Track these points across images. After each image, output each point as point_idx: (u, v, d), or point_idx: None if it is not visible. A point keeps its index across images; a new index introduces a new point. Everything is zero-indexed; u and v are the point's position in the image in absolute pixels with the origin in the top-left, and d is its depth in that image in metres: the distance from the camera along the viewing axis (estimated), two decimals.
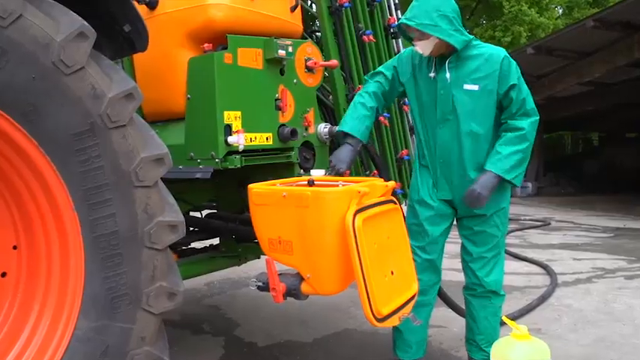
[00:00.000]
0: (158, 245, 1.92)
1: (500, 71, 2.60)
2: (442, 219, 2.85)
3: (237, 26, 2.58)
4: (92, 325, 1.81)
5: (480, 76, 2.62)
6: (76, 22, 1.69)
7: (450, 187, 2.80)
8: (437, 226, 2.83)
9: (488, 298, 2.87)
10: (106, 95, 1.76)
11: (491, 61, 2.62)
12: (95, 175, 1.77)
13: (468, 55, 2.66)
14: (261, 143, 2.69)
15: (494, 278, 2.87)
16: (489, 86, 2.62)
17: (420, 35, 2.60)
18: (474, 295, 2.92)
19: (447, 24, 2.53)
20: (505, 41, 15.59)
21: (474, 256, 2.87)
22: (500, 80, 2.60)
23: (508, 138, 2.62)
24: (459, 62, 2.66)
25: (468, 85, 2.64)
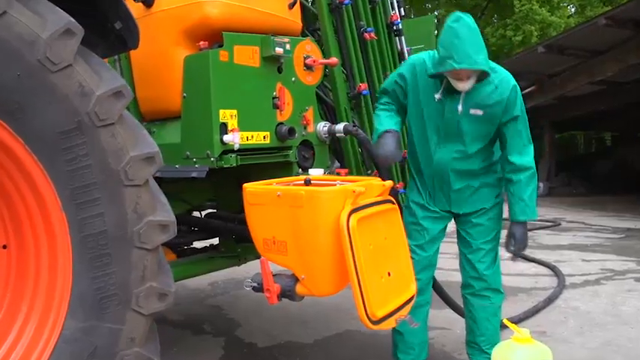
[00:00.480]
0: (148, 245, 1.89)
1: (508, 100, 2.60)
2: (440, 219, 2.87)
3: (234, 23, 2.54)
4: (80, 325, 1.78)
5: (487, 104, 2.62)
6: (63, 19, 1.67)
7: (447, 200, 2.84)
8: (435, 224, 2.86)
9: (488, 297, 2.84)
10: (94, 93, 1.73)
11: (501, 88, 2.61)
12: (83, 173, 1.75)
13: (484, 81, 2.61)
14: (258, 142, 2.65)
15: (492, 272, 2.88)
16: (495, 113, 2.63)
17: (467, 76, 2.50)
18: (473, 293, 2.88)
19: (486, 54, 2.50)
20: (516, 40, 15.44)
21: (473, 247, 2.88)
22: (506, 109, 2.61)
23: (523, 181, 2.67)
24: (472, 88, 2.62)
25: (473, 110, 2.63)
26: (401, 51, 3.78)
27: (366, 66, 3.44)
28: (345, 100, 3.25)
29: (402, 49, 3.78)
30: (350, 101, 3.31)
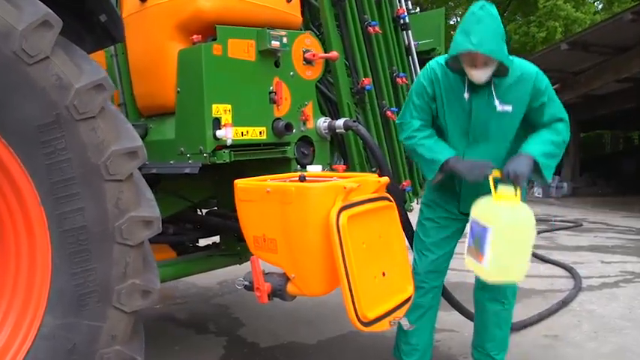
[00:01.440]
0: (131, 241, 1.84)
1: (533, 88, 2.49)
2: (458, 220, 2.76)
3: (228, 17, 2.50)
4: (58, 322, 1.75)
5: (514, 96, 2.49)
6: (40, 10, 1.63)
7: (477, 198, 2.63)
8: (453, 223, 2.75)
9: (502, 303, 2.72)
10: (73, 86, 1.70)
11: (525, 80, 2.48)
12: (62, 168, 1.72)
13: (508, 75, 2.49)
14: (254, 138, 2.60)
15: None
16: (523, 105, 2.51)
17: (483, 63, 2.38)
18: (487, 298, 2.78)
19: (505, 49, 2.39)
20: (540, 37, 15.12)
21: None
22: (533, 98, 2.50)
23: (543, 131, 2.53)
24: (494, 83, 2.50)
25: (501, 107, 2.49)
26: (408, 45, 3.70)
27: (371, 60, 3.36)
28: (348, 95, 3.18)
29: (409, 44, 3.69)
30: (353, 96, 3.24)
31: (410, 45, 3.69)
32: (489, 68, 2.39)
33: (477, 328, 2.90)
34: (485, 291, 2.76)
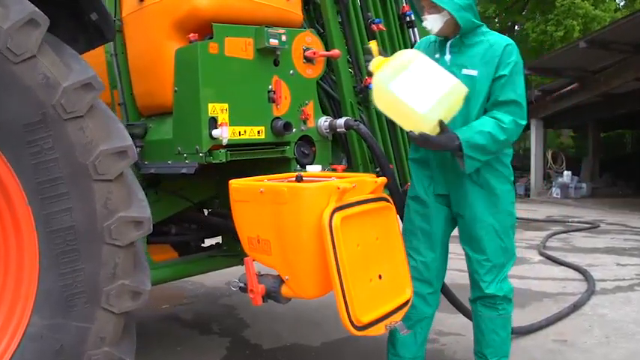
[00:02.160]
0: (120, 242, 1.83)
1: (500, 58, 2.41)
2: (437, 217, 2.61)
3: (225, 14, 2.47)
4: (46, 322, 1.74)
5: (481, 61, 2.43)
6: (27, 9, 1.62)
7: (445, 181, 2.59)
8: (431, 223, 2.61)
9: (496, 309, 2.61)
10: (61, 85, 1.68)
11: (495, 47, 2.43)
12: (49, 167, 1.70)
13: (473, 41, 2.48)
14: (252, 137, 2.57)
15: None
16: (488, 73, 2.43)
17: (429, 7, 2.44)
18: (482, 303, 2.67)
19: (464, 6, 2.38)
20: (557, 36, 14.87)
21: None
22: (498, 67, 2.41)
23: (489, 121, 2.39)
24: (463, 47, 2.48)
25: (467, 70, 2.44)
26: (414, 43, 3.63)
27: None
28: (351, 94, 3.13)
29: (415, 41, 3.63)
30: (357, 95, 3.19)
31: (416, 42, 3.62)
32: (439, 17, 2.42)
33: (475, 335, 2.77)
34: (479, 298, 2.66)
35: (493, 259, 2.57)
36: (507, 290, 2.63)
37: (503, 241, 2.57)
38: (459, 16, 2.39)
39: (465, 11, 2.40)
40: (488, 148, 2.36)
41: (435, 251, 2.62)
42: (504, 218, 2.57)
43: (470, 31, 2.47)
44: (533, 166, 15.85)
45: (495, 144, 2.37)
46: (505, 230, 2.57)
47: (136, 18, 2.63)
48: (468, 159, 2.35)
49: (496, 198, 2.53)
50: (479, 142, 2.34)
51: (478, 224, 2.55)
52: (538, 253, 6.47)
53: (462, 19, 2.40)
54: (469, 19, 2.42)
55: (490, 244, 2.56)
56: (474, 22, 2.45)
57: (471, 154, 2.34)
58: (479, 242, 2.57)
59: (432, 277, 2.60)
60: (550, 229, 8.50)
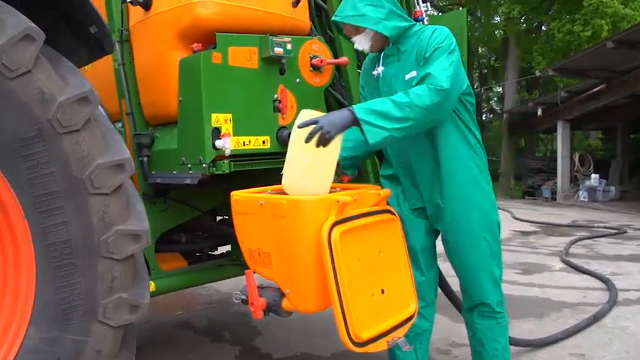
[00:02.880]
0: (117, 255, 1.82)
1: (426, 46, 2.28)
2: (415, 231, 2.51)
3: (228, 24, 2.46)
4: (43, 336, 1.74)
5: (415, 61, 2.32)
6: (22, 24, 1.63)
7: (419, 193, 2.51)
8: (408, 239, 2.45)
9: (494, 317, 2.52)
10: (56, 99, 1.68)
11: (423, 40, 2.31)
12: (45, 181, 1.71)
13: (409, 44, 2.37)
14: (257, 147, 2.55)
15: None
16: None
17: (353, 30, 2.38)
18: (477, 315, 2.57)
19: (375, 12, 2.29)
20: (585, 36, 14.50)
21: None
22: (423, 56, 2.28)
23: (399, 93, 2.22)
24: (401, 55, 2.38)
25: (408, 75, 2.34)
26: None
27: None
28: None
29: None
30: None
31: None
32: (364, 36, 2.36)
33: (474, 348, 2.64)
34: (473, 309, 2.57)
35: (484, 273, 2.48)
36: (501, 294, 2.54)
37: (491, 246, 2.45)
38: (382, 28, 2.30)
39: (387, 21, 2.31)
40: (391, 114, 2.11)
41: (418, 267, 2.51)
42: (485, 221, 2.44)
43: (402, 37, 2.37)
44: (560, 169, 15.52)
45: (400, 108, 2.11)
46: (490, 235, 2.46)
47: (142, 28, 2.64)
48: (365, 125, 2.10)
49: (471, 202, 2.41)
50: (376, 108, 2.14)
51: (460, 237, 2.45)
52: (560, 261, 6.31)
53: (387, 30, 2.31)
54: (394, 27, 2.32)
55: (476, 260, 2.46)
56: (400, 27, 2.34)
57: (367, 119, 2.10)
58: (464, 259, 2.49)
59: (421, 291, 2.46)
60: (574, 235, 8.30)
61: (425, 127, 2.26)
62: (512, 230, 9.00)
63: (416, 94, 2.14)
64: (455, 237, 2.47)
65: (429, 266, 2.57)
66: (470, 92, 2.42)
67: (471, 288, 2.53)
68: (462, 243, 2.46)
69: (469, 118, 2.42)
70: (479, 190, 2.42)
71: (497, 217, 2.50)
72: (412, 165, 2.47)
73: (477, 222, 2.41)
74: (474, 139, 2.42)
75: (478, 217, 2.41)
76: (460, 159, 2.39)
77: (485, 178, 2.45)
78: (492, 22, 21.56)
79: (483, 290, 2.48)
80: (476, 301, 2.52)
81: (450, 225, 2.46)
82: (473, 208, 2.40)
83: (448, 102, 2.21)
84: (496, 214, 2.50)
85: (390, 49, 2.41)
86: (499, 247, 2.51)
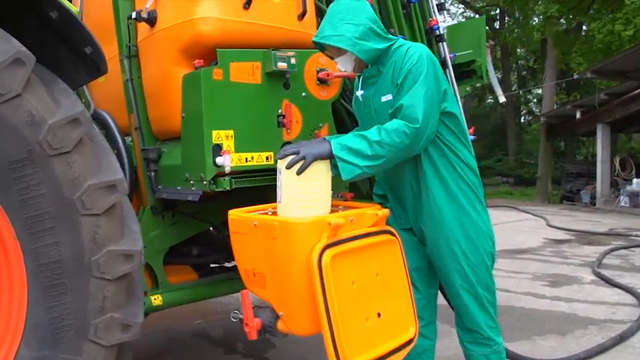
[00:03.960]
0: (108, 275, 1.83)
1: (400, 67, 2.23)
2: (407, 251, 2.40)
3: (230, 39, 2.44)
4: (34, 354, 1.76)
5: (392, 83, 2.27)
6: (13, 48, 1.65)
7: (407, 213, 2.47)
8: (409, 258, 2.38)
9: (488, 345, 2.40)
10: (47, 122, 1.70)
11: (397, 60, 2.26)
12: (36, 203, 1.73)
13: (388, 64, 2.32)
14: (260, 163, 2.53)
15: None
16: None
17: (335, 51, 2.35)
18: (469, 341, 2.47)
19: (352, 32, 2.24)
20: (626, 35, 13.97)
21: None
22: (398, 78, 2.24)
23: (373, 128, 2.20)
24: (381, 76, 2.34)
25: (384, 97, 2.30)
26: (443, 58, 3.48)
27: None
28: None
29: (444, 57, 3.48)
30: None
31: (445, 58, 3.47)
32: (345, 58, 2.33)
33: None
34: (465, 332, 2.47)
35: (471, 299, 2.39)
36: (493, 319, 2.43)
37: (477, 274, 2.36)
38: (357, 50, 2.26)
39: (362, 42, 2.26)
40: (363, 151, 2.12)
41: (415, 285, 2.45)
42: (470, 249, 2.35)
43: (382, 57, 2.33)
44: (600, 173, 15.01)
45: (371, 146, 2.12)
46: (477, 263, 2.37)
47: (148, 43, 2.66)
48: (340, 162, 2.11)
49: (452, 229, 2.34)
50: (350, 145, 2.14)
51: (443, 263, 2.39)
52: (592, 272, 6.07)
53: (362, 53, 2.27)
54: (370, 49, 2.28)
55: (461, 286, 2.38)
56: (376, 50, 2.29)
57: (341, 156, 2.11)
58: (448, 284, 2.42)
59: (419, 310, 2.38)
60: (610, 244, 7.99)
61: (399, 161, 2.24)
62: (545, 238, 8.74)
63: (387, 132, 2.13)
64: (437, 262, 2.42)
65: (426, 284, 2.52)
66: (452, 112, 2.34)
67: (459, 310, 2.45)
68: (444, 268, 2.39)
69: (454, 139, 2.35)
70: (462, 217, 2.33)
71: (488, 246, 2.40)
72: (396, 187, 2.43)
73: (459, 250, 2.33)
74: (459, 161, 2.35)
75: (462, 245, 2.33)
76: (441, 183, 2.33)
77: (471, 203, 2.35)
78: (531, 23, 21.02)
79: (471, 315, 2.40)
80: (466, 325, 2.43)
81: (430, 249, 2.41)
82: (455, 235, 2.33)
83: (420, 138, 2.17)
84: (487, 242, 2.40)
85: (370, 70, 2.37)
86: (489, 275, 2.41)
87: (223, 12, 2.42)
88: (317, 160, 2.12)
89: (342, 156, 2.13)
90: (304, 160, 2.09)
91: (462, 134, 2.42)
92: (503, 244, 8.06)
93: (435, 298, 2.59)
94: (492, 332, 2.42)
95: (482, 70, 3.57)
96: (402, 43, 2.35)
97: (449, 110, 2.33)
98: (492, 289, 2.44)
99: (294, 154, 2.12)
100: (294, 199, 2.12)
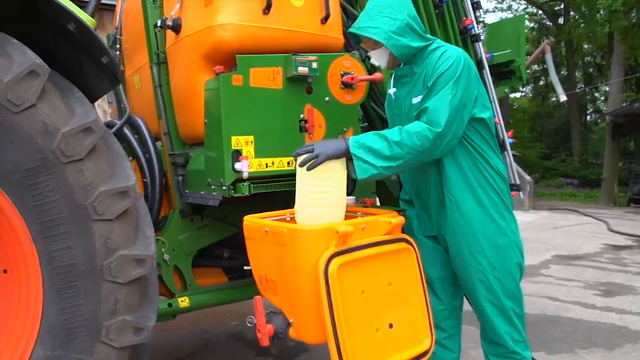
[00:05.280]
0: (120, 279, 1.88)
1: (432, 71, 2.17)
2: (431, 258, 2.35)
3: (251, 45, 2.45)
4: (48, 354, 1.84)
5: (423, 85, 2.21)
6: (28, 60, 1.72)
7: (431, 220, 2.38)
8: (432, 266, 2.37)
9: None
10: (60, 130, 1.76)
11: (430, 63, 2.20)
12: (50, 209, 1.80)
13: (423, 64, 2.25)
14: (280, 168, 2.52)
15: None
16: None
17: (371, 44, 2.29)
18: (493, 354, 2.37)
19: (388, 25, 2.17)
20: None
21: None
22: (428, 82, 2.18)
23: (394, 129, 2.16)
24: (414, 75, 2.27)
25: (416, 99, 2.23)
26: (479, 59, 3.36)
27: None
28: None
29: (480, 57, 3.35)
30: None
31: (481, 58, 3.34)
32: (381, 52, 2.27)
33: None
34: (490, 345, 2.36)
35: (495, 311, 2.28)
36: (519, 333, 2.31)
37: (504, 285, 2.25)
38: (391, 44, 2.19)
39: (398, 37, 2.19)
40: (381, 152, 2.08)
41: (437, 294, 2.38)
42: (496, 258, 2.24)
43: (416, 57, 2.25)
44: None
45: (390, 146, 2.07)
46: (503, 273, 2.26)
47: (175, 50, 2.71)
48: (356, 160, 2.08)
49: (476, 236, 2.23)
50: (369, 143, 2.09)
51: (465, 272, 2.29)
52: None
53: (395, 48, 2.20)
54: (404, 45, 2.20)
55: (486, 298, 2.27)
56: (410, 47, 2.21)
57: (358, 154, 2.07)
58: (472, 295, 2.33)
59: (440, 321, 2.33)
60: None
61: (418, 164, 2.20)
62: (604, 244, 8.28)
63: (408, 133, 2.08)
64: (460, 272, 2.33)
65: (451, 295, 2.43)
66: (481, 118, 2.24)
67: (483, 322, 2.35)
68: (467, 279, 2.30)
69: (483, 143, 2.26)
70: (488, 223, 2.23)
71: (516, 256, 2.29)
72: (421, 192, 2.34)
73: (485, 259, 2.23)
74: (487, 166, 2.25)
75: (487, 255, 2.23)
76: (467, 188, 2.24)
77: (498, 210, 2.25)
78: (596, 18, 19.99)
79: (495, 328, 2.29)
80: (490, 337, 2.32)
81: (453, 258, 2.32)
82: (480, 244, 2.23)
83: (441, 143, 2.11)
84: (514, 251, 2.28)
85: (403, 69, 2.30)
86: (516, 286, 2.30)
87: (242, 18, 2.43)
88: (331, 160, 2.09)
89: (358, 154, 2.10)
90: (317, 158, 2.07)
91: (492, 140, 2.33)
92: (558, 249, 7.71)
93: (458, 310, 2.49)
94: (519, 346, 2.31)
95: (521, 70, 3.42)
96: (439, 45, 2.30)
97: (478, 116, 2.25)
98: (520, 301, 2.33)
99: (307, 152, 2.10)
100: (304, 198, 2.10)
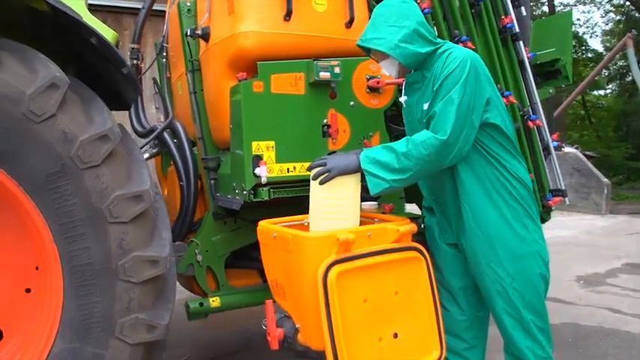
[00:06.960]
0: (134, 279, 1.98)
1: (439, 73, 2.11)
2: (451, 266, 2.29)
3: (272, 52, 2.49)
4: (67, 346, 1.97)
5: (432, 90, 2.14)
6: (50, 74, 1.85)
7: (451, 228, 2.30)
8: (443, 273, 2.32)
9: None
10: (78, 138, 1.89)
11: (438, 66, 2.12)
12: (69, 211, 1.93)
13: (432, 68, 2.18)
14: (302, 173, 2.54)
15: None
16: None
17: (379, 54, 2.25)
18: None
19: (393, 35, 2.11)
20: None
21: None
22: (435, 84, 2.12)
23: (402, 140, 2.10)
24: (425, 81, 2.20)
25: (426, 104, 2.16)
26: (521, 59, 3.21)
27: None
28: None
29: (522, 57, 3.20)
30: None
31: (523, 58, 3.19)
32: (390, 61, 2.21)
33: None
34: (512, 358, 2.25)
35: (513, 323, 2.19)
36: (541, 347, 2.19)
37: (524, 297, 2.15)
38: (398, 54, 2.13)
39: (404, 45, 2.12)
40: (390, 165, 2.04)
41: (459, 303, 2.31)
42: (515, 268, 2.15)
43: (426, 61, 2.19)
44: None
45: (398, 159, 2.04)
46: (524, 285, 2.16)
47: (206, 58, 2.81)
48: (368, 175, 2.07)
49: (494, 245, 2.14)
50: (379, 157, 2.06)
51: (483, 282, 2.21)
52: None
53: (402, 56, 2.14)
54: (411, 53, 2.13)
55: (504, 309, 2.18)
56: (419, 54, 2.14)
57: (369, 169, 2.06)
58: (490, 305, 2.23)
59: (461, 331, 2.27)
60: None
61: (428, 174, 2.18)
62: None
63: (414, 144, 2.05)
64: (478, 282, 2.25)
65: (473, 305, 2.35)
66: (494, 123, 2.14)
67: (503, 334, 2.26)
68: (484, 289, 2.22)
69: (499, 148, 2.16)
70: (506, 232, 2.13)
71: (539, 267, 2.18)
72: (439, 200, 2.29)
73: (503, 270, 2.15)
74: (506, 172, 2.15)
75: (505, 265, 2.14)
76: (483, 195, 2.16)
77: (519, 218, 2.15)
78: None
79: (514, 341, 2.19)
80: (511, 350, 2.22)
81: (471, 267, 2.24)
82: (497, 254, 2.13)
83: (449, 151, 2.06)
84: (537, 262, 2.18)
85: (414, 75, 2.25)
86: (539, 299, 2.18)
87: (263, 25, 2.47)
88: (344, 174, 2.10)
89: (369, 169, 2.10)
90: (329, 172, 2.09)
91: (511, 144, 2.23)
92: (631, 257, 7.18)
93: (481, 320, 2.40)
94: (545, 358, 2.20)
95: (567, 69, 3.23)
96: (447, 47, 2.23)
97: (491, 121, 2.16)
98: (543, 315, 2.22)
99: (320, 166, 2.13)
100: (317, 211, 2.12)
